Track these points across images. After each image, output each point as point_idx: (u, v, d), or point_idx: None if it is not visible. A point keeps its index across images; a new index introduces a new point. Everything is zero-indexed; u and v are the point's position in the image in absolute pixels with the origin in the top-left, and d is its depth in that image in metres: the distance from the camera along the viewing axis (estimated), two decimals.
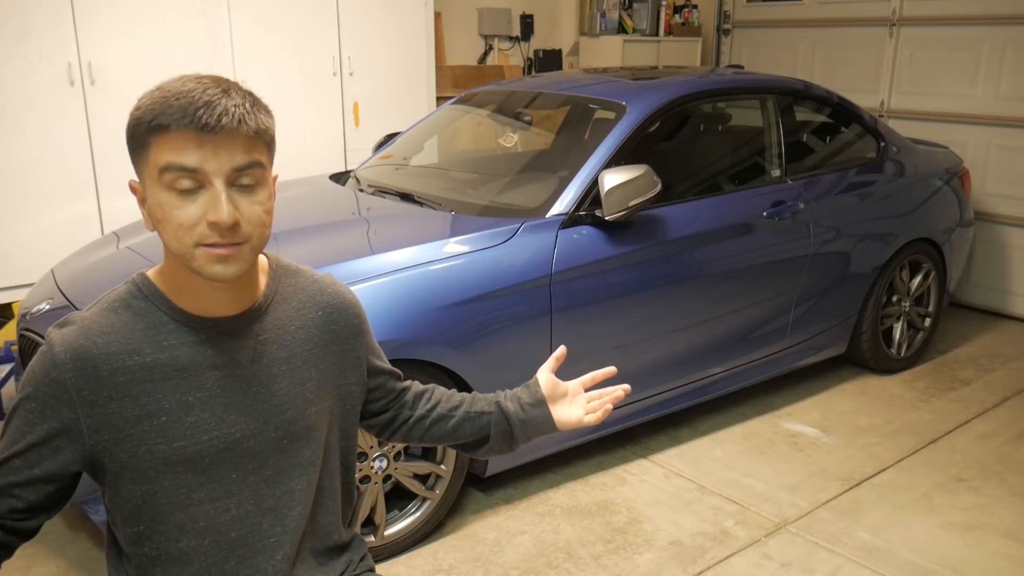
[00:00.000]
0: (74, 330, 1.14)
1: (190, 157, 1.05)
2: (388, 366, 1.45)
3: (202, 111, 1.04)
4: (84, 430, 1.13)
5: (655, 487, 2.91)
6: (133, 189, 1.14)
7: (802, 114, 3.81)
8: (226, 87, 1.09)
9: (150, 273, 1.20)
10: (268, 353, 1.23)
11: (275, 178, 1.18)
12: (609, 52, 5.88)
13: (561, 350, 1.45)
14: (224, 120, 1.05)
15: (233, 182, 1.08)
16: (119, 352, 1.14)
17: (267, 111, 1.13)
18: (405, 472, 2.52)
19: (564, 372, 1.44)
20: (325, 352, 1.30)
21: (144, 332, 1.15)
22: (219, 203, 1.06)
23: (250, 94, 1.11)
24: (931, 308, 4.00)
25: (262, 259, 1.28)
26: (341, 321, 1.33)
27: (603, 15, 6.05)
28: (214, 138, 1.05)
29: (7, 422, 1.16)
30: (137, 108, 1.08)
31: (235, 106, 1.06)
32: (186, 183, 1.06)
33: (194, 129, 1.04)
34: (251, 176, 1.09)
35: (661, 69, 3.97)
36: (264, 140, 1.11)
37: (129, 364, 1.14)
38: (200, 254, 1.08)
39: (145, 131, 1.07)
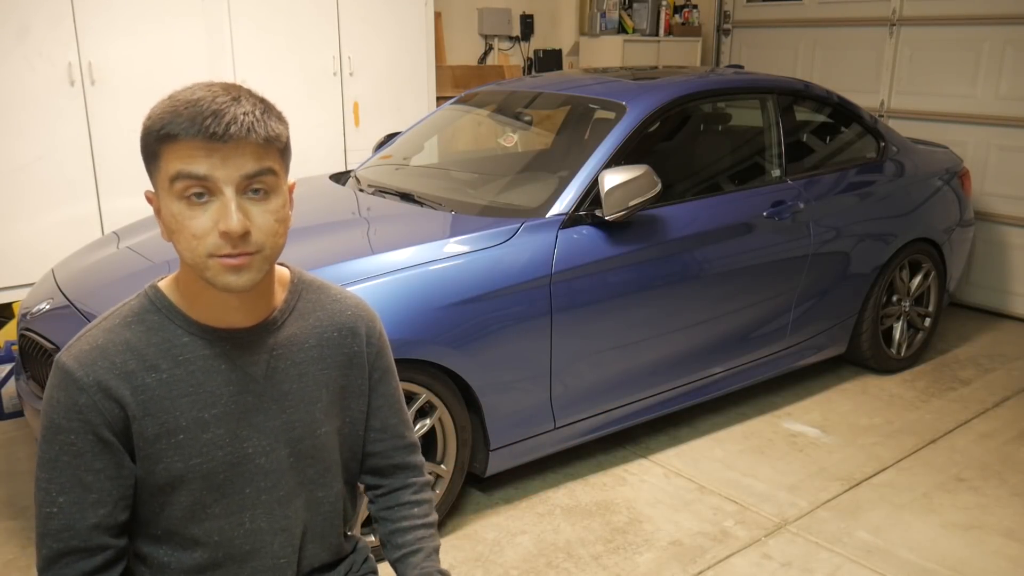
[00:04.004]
0: (91, 351, 1.12)
1: (199, 166, 1.04)
2: (408, 435, 1.39)
3: (210, 120, 1.03)
4: (121, 446, 1.14)
5: (655, 487, 2.91)
6: (149, 200, 1.13)
7: (802, 114, 3.81)
8: (236, 95, 1.07)
9: (162, 284, 1.19)
10: (281, 369, 1.22)
11: (292, 186, 1.16)
12: (609, 52, 5.88)
13: None
14: (232, 129, 1.03)
15: (244, 190, 1.07)
16: (137, 370, 1.12)
17: (279, 118, 1.12)
18: None
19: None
20: (337, 374, 1.28)
21: (159, 347, 1.14)
22: (229, 212, 1.04)
23: (262, 101, 1.10)
24: (931, 308, 4.00)
25: (282, 272, 1.26)
26: (355, 346, 1.30)
27: (603, 15, 6.04)
28: (223, 147, 1.04)
29: (49, 459, 1.12)
30: (148, 118, 1.07)
31: (244, 114, 1.05)
32: (197, 191, 1.05)
33: (202, 138, 1.03)
34: (263, 184, 1.08)
35: (661, 69, 3.97)
36: (276, 147, 1.10)
37: (148, 382, 1.13)
38: (213, 264, 1.07)
39: (155, 140, 1.06)
